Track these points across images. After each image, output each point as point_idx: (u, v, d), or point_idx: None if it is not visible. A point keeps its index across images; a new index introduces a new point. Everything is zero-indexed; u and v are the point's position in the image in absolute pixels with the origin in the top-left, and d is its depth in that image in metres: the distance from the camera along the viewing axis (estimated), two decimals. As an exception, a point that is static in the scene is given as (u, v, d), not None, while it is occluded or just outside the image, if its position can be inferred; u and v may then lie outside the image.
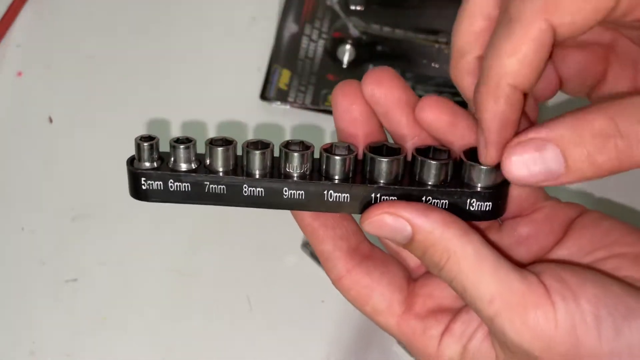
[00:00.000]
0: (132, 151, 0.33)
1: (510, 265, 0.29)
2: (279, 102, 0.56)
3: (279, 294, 0.52)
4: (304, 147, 0.31)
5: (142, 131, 0.56)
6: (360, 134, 0.32)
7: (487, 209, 0.30)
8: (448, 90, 0.55)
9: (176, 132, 0.56)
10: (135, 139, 0.31)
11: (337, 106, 0.32)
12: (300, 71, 0.57)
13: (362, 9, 0.58)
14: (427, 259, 0.30)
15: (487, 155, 0.29)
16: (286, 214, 0.53)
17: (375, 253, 0.34)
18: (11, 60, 0.59)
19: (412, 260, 0.35)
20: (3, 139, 0.57)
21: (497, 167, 0.29)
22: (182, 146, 0.31)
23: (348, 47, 0.57)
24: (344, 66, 0.57)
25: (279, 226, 0.54)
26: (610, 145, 0.25)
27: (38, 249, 0.54)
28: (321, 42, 0.58)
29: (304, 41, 0.58)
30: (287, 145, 0.31)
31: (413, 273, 0.35)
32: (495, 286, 0.27)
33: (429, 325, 0.32)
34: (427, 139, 0.32)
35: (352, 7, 0.58)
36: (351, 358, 0.51)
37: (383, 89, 0.31)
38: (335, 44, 0.57)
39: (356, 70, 0.57)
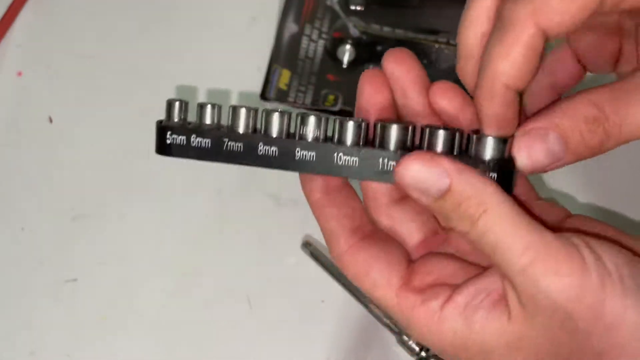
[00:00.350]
0: (131, 151, 0.33)
1: (542, 225, 0.29)
2: (278, 102, 0.56)
3: (279, 294, 0.52)
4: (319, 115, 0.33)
5: (142, 131, 0.56)
6: (376, 114, 0.34)
7: (494, 179, 0.30)
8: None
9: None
10: (167, 100, 0.34)
11: (363, 92, 0.34)
12: (300, 71, 0.57)
13: (362, 9, 0.58)
14: (459, 212, 0.29)
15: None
16: (286, 214, 0.54)
17: (377, 233, 0.35)
18: (11, 60, 0.59)
19: (411, 242, 0.35)
20: (3, 139, 0.57)
21: (502, 141, 0.30)
22: (208, 105, 0.33)
23: (348, 47, 0.57)
24: (344, 66, 0.57)
25: (279, 226, 0.54)
26: (600, 129, 0.29)
27: (38, 249, 0.54)
28: (321, 42, 0.58)
29: (304, 41, 0.58)
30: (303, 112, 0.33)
31: (412, 255, 0.35)
32: (530, 237, 0.28)
33: (429, 297, 0.32)
34: (438, 122, 0.34)
35: (352, 7, 0.58)
36: (351, 358, 0.51)
37: (403, 67, 0.33)
38: (335, 44, 0.57)
39: (356, 70, 0.56)
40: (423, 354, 0.49)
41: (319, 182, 0.34)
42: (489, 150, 0.30)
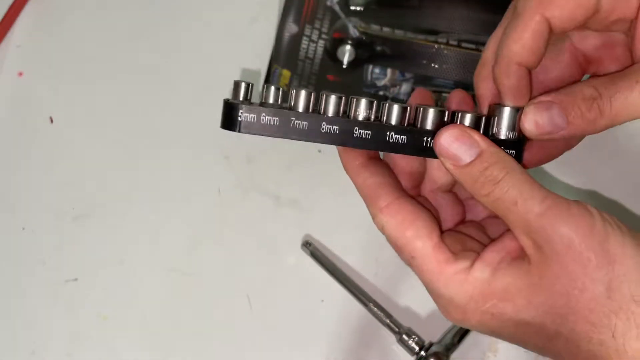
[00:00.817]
0: (131, 151, 0.33)
1: None
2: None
3: (279, 294, 0.52)
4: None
5: (144, 131, 0.57)
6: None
7: (511, 155, 0.36)
8: (447, 90, 0.55)
9: (178, 131, 0.56)
10: (234, 81, 0.36)
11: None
12: (300, 71, 0.57)
13: (362, 9, 0.58)
14: (485, 175, 0.34)
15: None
16: (286, 214, 0.53)
17: (414, 198, 0.38)
18: (12, 61, 0.59)
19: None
20: (4, 139, 0.57)
21: (516, 110, 0.36)
22: (273, 87, 0.36)
23: (348, 47, 0.57)
24: (344, 66, 0.57)
25: (279, 226, 0.54)
26: (595, 105, 0.35)
27: (38, 249, 0.54)
28: (321, 43, 0.58)
29: (304, 41, 0.58)
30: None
31: None
32: (546, 193, 0.34)
33: (461, 257, 0.36)
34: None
35: (352, 8, 0.58)
36: (351, 358, 0.51)
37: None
38: (335, 44, 0.57)
39: (356, 70, 0.57)
40: (422, 353, 0.49)
41: (360, 150, 0.37)
42: (506, 117, 0.36)
